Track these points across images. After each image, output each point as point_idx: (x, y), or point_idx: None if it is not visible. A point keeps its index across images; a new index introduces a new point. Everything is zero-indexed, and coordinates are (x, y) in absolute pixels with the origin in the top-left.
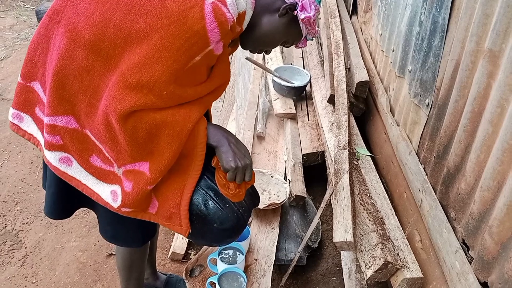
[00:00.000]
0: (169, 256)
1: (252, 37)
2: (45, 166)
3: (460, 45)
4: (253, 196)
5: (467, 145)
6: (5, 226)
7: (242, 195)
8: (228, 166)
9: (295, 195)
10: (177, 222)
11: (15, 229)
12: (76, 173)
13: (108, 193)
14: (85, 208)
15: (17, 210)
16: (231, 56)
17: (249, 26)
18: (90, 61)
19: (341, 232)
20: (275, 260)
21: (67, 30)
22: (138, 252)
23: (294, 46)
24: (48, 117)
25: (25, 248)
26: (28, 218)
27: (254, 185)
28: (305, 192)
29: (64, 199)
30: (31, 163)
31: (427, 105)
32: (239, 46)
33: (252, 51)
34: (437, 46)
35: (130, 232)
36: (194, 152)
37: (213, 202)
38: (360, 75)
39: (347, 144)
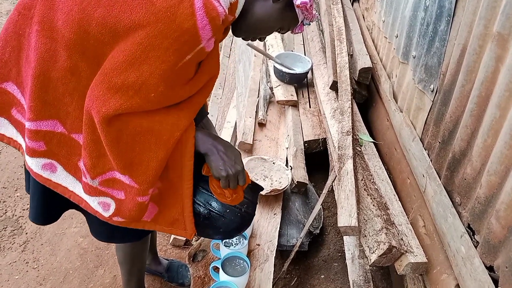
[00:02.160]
0: (170, 242)
1: (245, 24)
2: (27, 171)
3: (467, 29)
4: (253, 189)
5: (473, 130)
6: (5, 212)
7: (240, 197)
8: (218, 175)
9: (297, 182)
10: (181, 227)
11: (15, 215)
12: (62, 179)
13: (96, 204)
14: None
15: (17, 196)
16: (230, 43)
17: (241, 12)
18: (74, 61)
19: (346, 217)
20: (277, 246)
21: (43, 28)
22: (139, 245)
23: (290, 31)
24: (30, 122)
25: (26, 233)
26: (28, 204)
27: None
28: (307, 179)
29: (50, 204)
30: None
31: (432, 91)
32: (231, 33)
33: (245, 39)
34: (443, 31)
35: (126, 229)
36: (181, 162)
37: (213, 212)
38: (363, 62)
39: (351, 130)
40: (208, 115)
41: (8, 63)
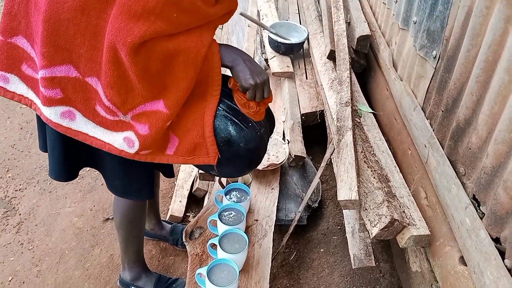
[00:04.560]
0: (167, 218)
1: None
2: (41, 127)
3: None
4: (269, 118)
5: (479, 97)
6: None
7: (263, 113)
8: (247, 85)
9: (295, 156)
10: (204, 152)
11: (8, 196)
12: (81, 126)
13: (121, 141)
14: (79, 173)
15: (9, 177)
16: None
17: None
18: (83, 0)
19: (346, 190)
20: (275, 221)
21: None
22: (138, 209)
23: None
24: (44, 69)
25: (19, 215)
26: (20, 184)
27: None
28: (305, 152)
29: (71, 159)
30: (21, 128)
31: (434, 57)
32: None
33: None
34: None
35: (140, 185)
36: (210, 77)
37: (236, 122)
38: (361, 29)
39: (350, 101)
40: None
41: (17, 15)
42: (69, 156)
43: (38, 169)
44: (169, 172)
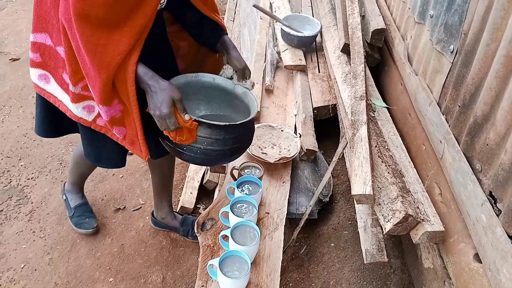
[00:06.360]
0: (178, 210)
1: None
2: None
3: None
4: (213, 126)
5: (498, 92)
6: (10, 182)
7: (190, 137)
8: (151, 113)
9: (306, 149)
10: (138, 148)
11: (20, 185)
12: (53, 89)
13: (80, 109)
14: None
15: (21, 165)
16: (235, 6)
17: None
18: None
19: (360, 185)
20: (286, 214)
21: None
22: (87, 164)
23: None
24: (32, 34)
25: (32, 203)
26: (32, 173)
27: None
28: (316, 146)
29: (51, 118)
30: (33, 117)
31: (452, 52)
32: None
33: None
34: None
35: (109, 153)
36: (126, 88)
37: (175, 147)
38: (376, 23)
39: (364, 95)
40: (227, 35)
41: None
42: (50, 115)
43: (50, 158)
44: None
